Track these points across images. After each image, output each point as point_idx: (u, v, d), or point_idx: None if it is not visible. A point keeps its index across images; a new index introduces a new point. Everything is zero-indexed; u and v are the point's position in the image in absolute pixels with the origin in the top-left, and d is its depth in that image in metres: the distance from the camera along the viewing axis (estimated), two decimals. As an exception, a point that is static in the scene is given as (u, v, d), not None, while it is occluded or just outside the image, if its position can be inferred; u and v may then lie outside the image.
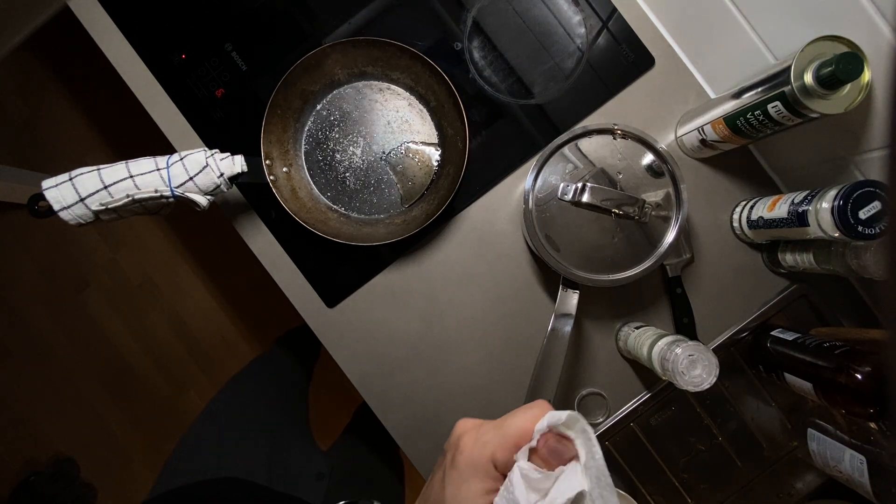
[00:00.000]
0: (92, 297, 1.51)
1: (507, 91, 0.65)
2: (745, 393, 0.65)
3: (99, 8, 0.65)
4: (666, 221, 0.55)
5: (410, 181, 0.65)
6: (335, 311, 0.66)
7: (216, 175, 0.54)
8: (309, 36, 0.65)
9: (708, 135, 0.58)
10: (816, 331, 0.61)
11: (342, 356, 0.66)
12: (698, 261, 0.65)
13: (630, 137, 0.55)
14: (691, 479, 0.65)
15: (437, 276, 0.66)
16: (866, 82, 0.43)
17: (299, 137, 0.65)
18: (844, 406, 0.51)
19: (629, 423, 0.65)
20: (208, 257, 1.52)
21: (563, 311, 0.54)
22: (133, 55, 0.65)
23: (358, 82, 0.65)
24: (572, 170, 0.55)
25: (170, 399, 1.53)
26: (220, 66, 0.65)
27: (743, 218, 0.62)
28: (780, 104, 0.46)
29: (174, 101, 0.65)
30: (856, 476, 0.53)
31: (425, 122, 0.65)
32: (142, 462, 1.53)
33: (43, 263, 1.51)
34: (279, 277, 0.66)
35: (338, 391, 0.67)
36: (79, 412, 1.52)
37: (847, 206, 0.46)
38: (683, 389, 0.50)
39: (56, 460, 1.50)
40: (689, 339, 0.52)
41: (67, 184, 0.51)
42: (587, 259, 0.55)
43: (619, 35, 0.65)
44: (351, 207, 0.65)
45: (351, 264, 0.65)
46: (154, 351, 1.53)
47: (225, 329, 1.53)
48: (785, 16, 0.49)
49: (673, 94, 0.65)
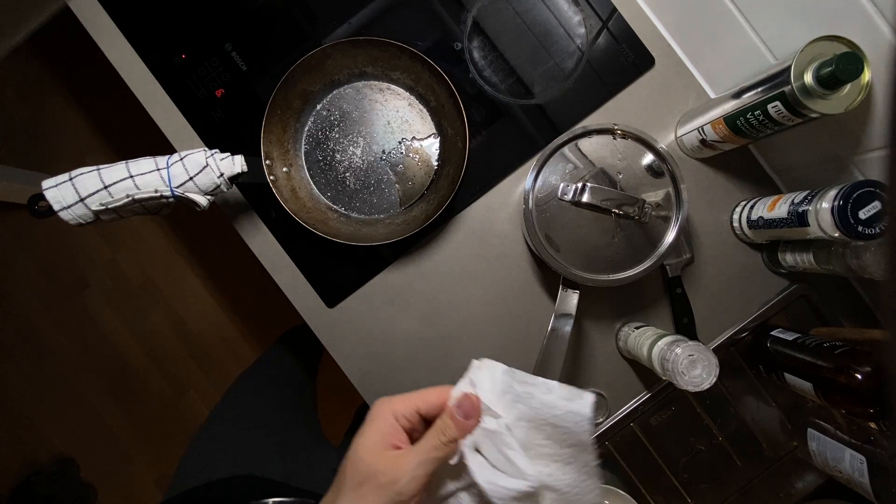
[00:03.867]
0: (92, 297, 1.51)
1: (507, 91, 0.65)
2: (745, 393, 0.65)
3: (99, 8, 0.65)
4: (666, 221, 0.55)
5: (410, 181, 0.65)
6: (335, 311, 0.66)
7: (216, 175, 0.54)
8: (309, 36, 0.65)
9: (708, 135, 0.58)
10: (816, 331, 0.61)
11: (342, 356, 0.66)
12: (698, 261, 0.65)
13: (630, 137, 0.55)
14: (691, 479, 0.65)
15: (437, 276, 0.66)
16: (866, 82, 0.43)
17: (299, 137, 0.65)
18: (844, 406, 0.51)
19: (629, 423, 0.65)
20: (208, 257, 1.52)
21: (563, 311, 0.54)
22: (133, 55, 0.65)
23: (358, 82, 0.65)
24: (572, 170, 0.55)
25: (170, 399, 1.53)
26: (220, 66, 0.65)
27: (743, 218, 0.62)
28: (780, 104, 0.46)
29: (174, 101, 0.65)
30: (856, 476, 0.53)
31: (425, 122, 0.65)
32: (142, 462, 1.53)
33: (43, 263, 1.51)
34: (279, 277, 0.66)
35: (344, 388, 0.67)
36: (79, 412, 1.52)
37: (847, 206, 0.46)
38: (683, 389, 0.51)
39: (56, 460, 1.50)
40: (689, 339, 0.52)
41: (67, 184, 0.51)
42: (587, 259, 0.55)
43: (619, 35, 0.65)
44: (351, 207, 0.65)
45: (351, 264, 0.65)
46: (154, 351, 1.52)
47: (225, 329, 1.53)
48: (785, 16, 0.49)
49: (673, 94, 0.65)
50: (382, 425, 0.33)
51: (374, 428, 0.33)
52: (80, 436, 1.53)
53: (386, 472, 0.31)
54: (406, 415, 0.33)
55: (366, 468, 0.31)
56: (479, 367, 0.34)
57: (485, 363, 0.34)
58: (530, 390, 0.32)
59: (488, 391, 0.33)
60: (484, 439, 0.32)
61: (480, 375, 0.34)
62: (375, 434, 0.32)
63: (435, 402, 0.34)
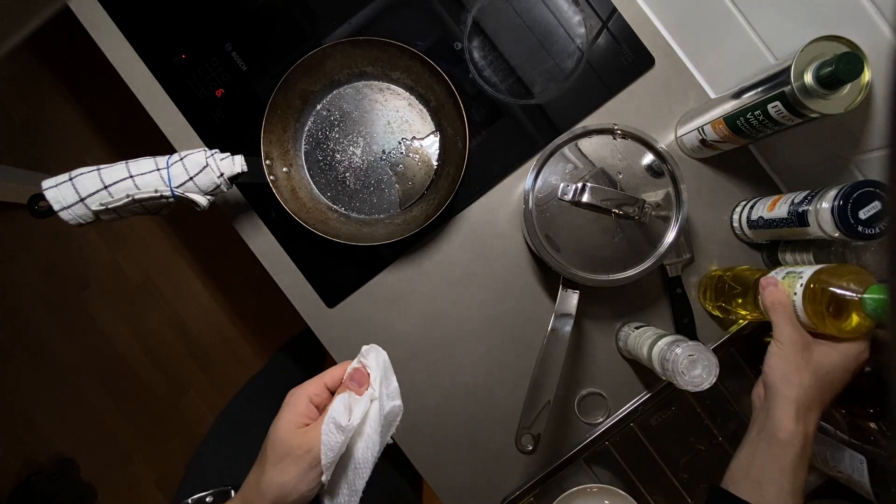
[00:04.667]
0: (92, 297, 1.51)
1: (507, 91, 0.65)
2: (745, 393, 0.64)
3: (99, 8, 0.65)
4: (666, 221, 0.55)
5: (410, 181, 0.65)
6: (335, 311, 0.66)
7: (216, 175, 0.54)
8: (309, 36, 0.65)
9: (708, 135, 0.58)
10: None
11: (342, 356, 0.66)
12: (698, 261, 0.65)
13: (630, 137, 0.55)
14: (691, 479, 0.65)
15: (437, 276, 0.66)
16: (866, 82, 0.43)
17: (299, 137, 0.65)
18: (844, 406, 0.51)
19: (629, 423, 0.65)
20: (208, 257, 1.52)
21: (563, 311, 0.54)
22: (133, 55, 0.65)
23: (358, 82, 0.65)
24: (572, 170, 0.55)
25: (170, 399, 1.53)
26: (220, 66, 0.65)
27: (743, 218, 0.62)
28: (780, 104, 0.46)
29: (174, 101, 0.65)
30: (856, 476, 0.53)
31: (425, 122, 0.65)
32: (142, 462, 1.53)
33: (43, 263, 1.51)
34: (279, 277, 0.66)
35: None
36: (79, 412, 1.52)
37: (847, 206, 0.46)
38: (683, 389, 0.51)
39: (56, 460, 1.50)
40: (689, 339, 0.52)
41: (67, 184, 0.51)
42: (587, 259, 0.55)
43: (619, 35, 0.65)
44: (351, 207, 0.65)
45: (351, 264, 0.65)
46: (154, 351, 1.52)
47: (225, 329, 1.52)
48: (785, 16, 0.49)
49: (673, 94, 0.65)
50: (297, 409, 0.39)
51: (289, 411, 0.39)
52: (80, 436, 1.52)
53: (301, 445, 0.37)
54: (318, 393, 0.41)
55: (283, 445, 0.38)
56: (369, 349, 0.44)
57: (373, 347, 0.44)
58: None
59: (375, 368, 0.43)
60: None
61: (370, 356, 0.43)
62: (291, 416, 0.39)
63: (338, 375, 0.42)
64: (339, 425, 0.38)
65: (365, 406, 0.41)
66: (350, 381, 0.41)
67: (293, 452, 0.37)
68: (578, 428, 0.66)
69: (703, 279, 0.65)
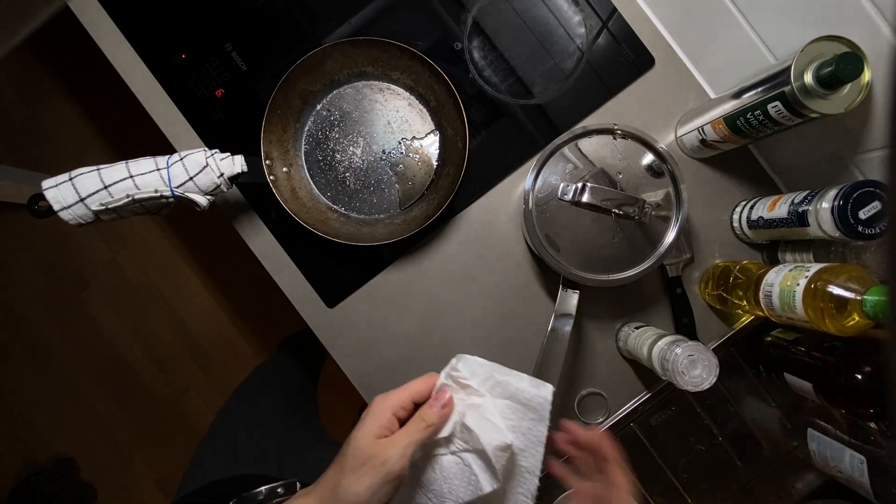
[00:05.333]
0: (92, 297, 1.51)
1: (507, 91, 0.65)
2: (745, 393, 0.65)
3: (99, 8, 0.65)
4: (666, 221, 0.55)
5: (410, 181, 0.65)
6: (335, 311, 0.66)
7: (216, 175, 0.54)
8: (309, 36, 0.65)
9: (708, 135, 0.58)
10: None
11: (342, 356, 0.66)
12: (698, 261, 0.65)
13: (630, 137, 0.55)
14: (691, 479, 0.65)
15: (437, 276, 0.66)
16: (866, 82, 0.43)
17: (299, 137, 0.65)
18: (844, 406, 0.51)
19: (629, 423, 0.65)
20: (208, 257, 1.52)
21: (563, 311, 0.54)
22: (133, 55, 0.65)
23: (358, 82, 0.65)
24: (572, 170, 0.55)
25: (170, 399, 1.53)
26: (220, 66, 0.65)
27: (743, 218, 0.62)
28: (780, 104, 0.46)
29: (174, 101, 0.65)
30: (856, 476, 0.53)
31: (425, 122, 0.65)
32: (142, 462, 1.53)
33: (43, 263, 1.51)
34: (279, 277, 0.66)
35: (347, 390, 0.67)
36: (79, 412, 1.52)
37: (847, 206, 0.46)
38: (683, 389, 0.51)
39: (56, 460, 1.50)
40: (689, 339, 0.52)
41: (67, 184, 0.51)
42: (587, 259, 0.55)
43: (619, 35, 0.65)
44: (351, 207, 0.65)
45: (351, 264, 0.65)
46: (154, 351, 1.52)
47: (225, 329, 1.53)
48: (785, 16, 0.49)
49: (673, 94, 0.65)
50: (380, 419, 0.40)
51: (371, 421, 0.40)
52: (80, 436, 1.53)
53: (379, 456, 0.38)
54: (403, 405, 0.41)
55: (362, 454, 0.38)
56: (459, 359, 0.44)
57: (463, 357, 0.44)
58: (508, 378, 0.42)
59: (469, 377, 0.43)
60: (470, 411, 0.42)
61: (461, 366, 0.43)
62: (373, 426, 0.39)
63: (423, 390, 0.43)
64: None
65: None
66: (436, 400, 0.42)
67: (370, 462, 0.38)
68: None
69: (707, 270, 0.65)
